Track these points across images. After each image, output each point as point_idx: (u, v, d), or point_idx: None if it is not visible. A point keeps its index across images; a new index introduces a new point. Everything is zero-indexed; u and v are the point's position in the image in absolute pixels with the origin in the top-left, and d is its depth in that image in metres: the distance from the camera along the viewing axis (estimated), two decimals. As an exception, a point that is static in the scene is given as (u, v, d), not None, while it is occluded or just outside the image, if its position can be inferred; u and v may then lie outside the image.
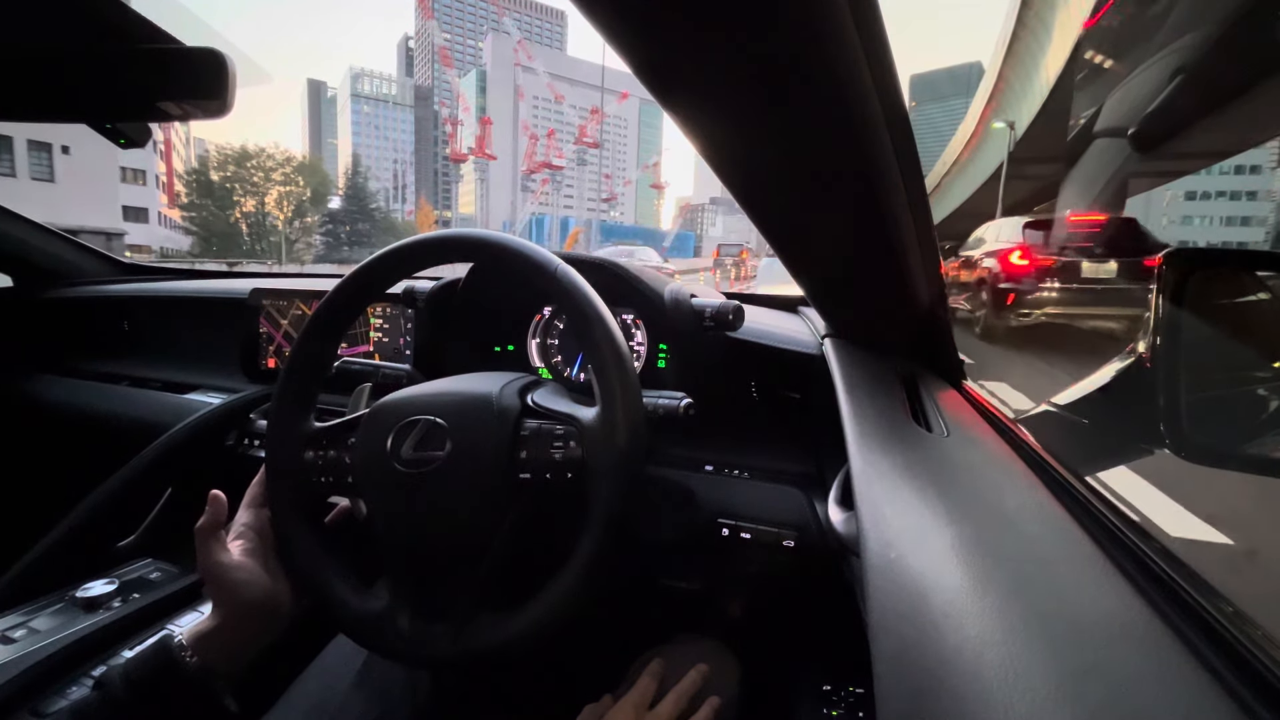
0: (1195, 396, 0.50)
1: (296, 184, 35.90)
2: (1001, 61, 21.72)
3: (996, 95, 23.73)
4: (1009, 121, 20.35)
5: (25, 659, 0.62)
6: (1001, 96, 23.09)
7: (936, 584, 0.28)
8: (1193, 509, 2.02)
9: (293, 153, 39.05)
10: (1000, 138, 22.59)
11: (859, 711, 0.64)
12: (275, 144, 36.41)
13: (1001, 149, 22.00)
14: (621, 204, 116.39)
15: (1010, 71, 21.45)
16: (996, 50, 22.93)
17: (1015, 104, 21.02)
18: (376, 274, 0.57)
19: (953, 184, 37.09)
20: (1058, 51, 15.83)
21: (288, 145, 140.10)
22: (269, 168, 34.46)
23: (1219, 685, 0.21)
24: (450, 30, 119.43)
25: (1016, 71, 20.75)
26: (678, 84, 0.33)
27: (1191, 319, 0.50)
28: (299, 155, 38.78)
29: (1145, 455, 0.57)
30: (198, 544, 0.52)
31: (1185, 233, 51.72)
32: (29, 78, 0.59)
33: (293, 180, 35.73)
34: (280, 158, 34.98)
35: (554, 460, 0.51)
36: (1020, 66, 19.94)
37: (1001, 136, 21.98)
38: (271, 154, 34.56)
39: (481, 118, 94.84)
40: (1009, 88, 21.96)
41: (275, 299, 1.07)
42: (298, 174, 36.04)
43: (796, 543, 0.67)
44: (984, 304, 6.23)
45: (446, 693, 0.68)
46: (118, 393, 1.19)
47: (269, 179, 34.75)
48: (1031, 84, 18.92)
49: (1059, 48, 15.67)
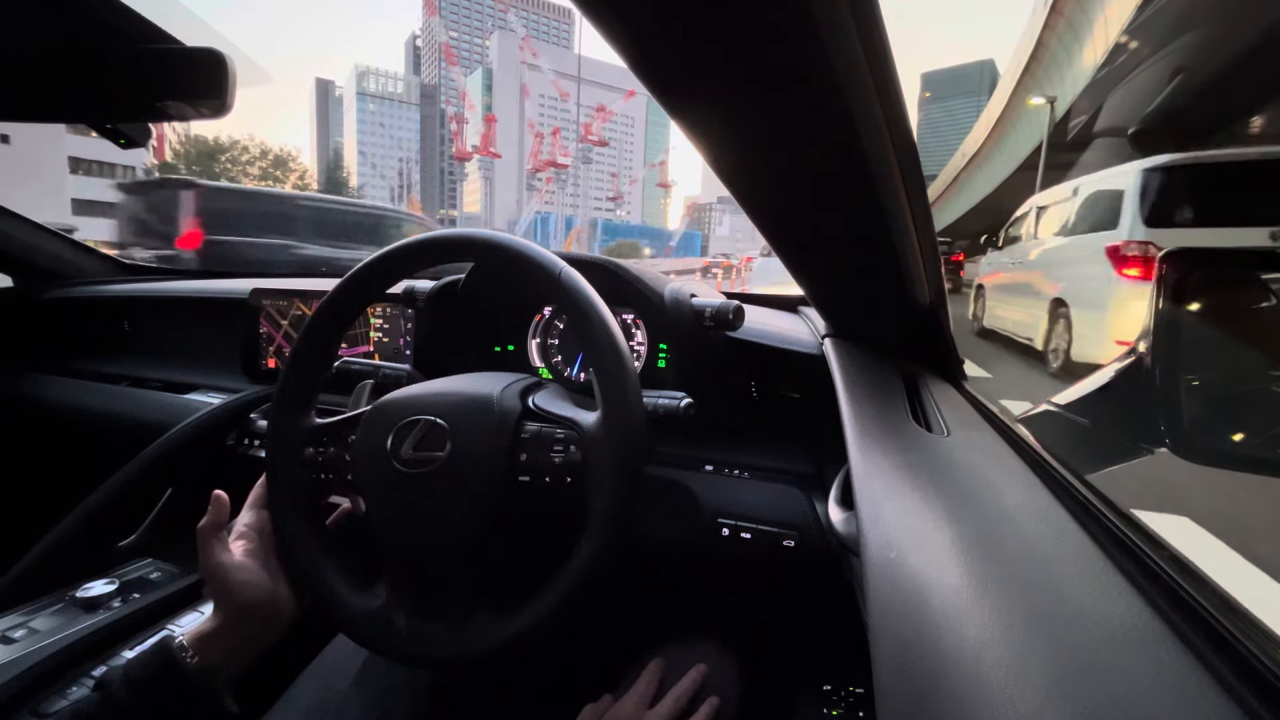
0: (1195, 396, 0.50)
1: (274, 179, 34.43)
2: (1042, 24, 17.69)
3: (1033, 67, 19.71)
4: (1049, 97, 17.52)
5: (25, 659, 0.62)
6: (1039, 68, 19.40)
7: (936, 584, 0.28)
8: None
9: (270, 146, 37.78)
10: (1035, 119, 19.88)
11: (859, 711, 0.64)
12: (250, 136, 35.08)
13: (1036, 131, 19.42)
14: (627, 203, 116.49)
15: (1052, 37, 17.63)
16: (1036, 10, 18.74)
17: (1058, 75, 18.00)
18: (377, 274, 0.57)
19: (971, 179, 34.47)
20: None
21: (296, 145, 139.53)
22: (245, 161, 33.12)
23: (1219, 685, 0.21)
24: (457, 28, 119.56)
25: (1062, 34, 16.90)
26: (678, 84, 0.33)
27: (1191, 319, 0.50)
28: (276, 149, 37.40)
29: (1145, 455, 0.57)
30: (199, 544, 0.52)
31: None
32: (29, 78, 0.59)
33: (270, 175, 34.36)
34: (256, 151, 33.74)
35: (554, 464, 0.51)
36: (1069, 28, 16.20)
37: (1037, 117, 19.24)
38: (247, 146, 33.34)
39: (486, 115, 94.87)
40: (1050, 56, 18.26)
41: (275, 299, 1.07)
42: (275, 168, 34.62)
43: (796, 543, 0.67)
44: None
45: (446, 693, 0.68)
46: (118, 393, 1.19)
47: (245, 174, 33.24)
48: (1080, 47, 15.62)
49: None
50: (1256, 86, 10.80)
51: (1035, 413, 0.68)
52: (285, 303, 1.06)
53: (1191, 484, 2.01)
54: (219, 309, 1.21)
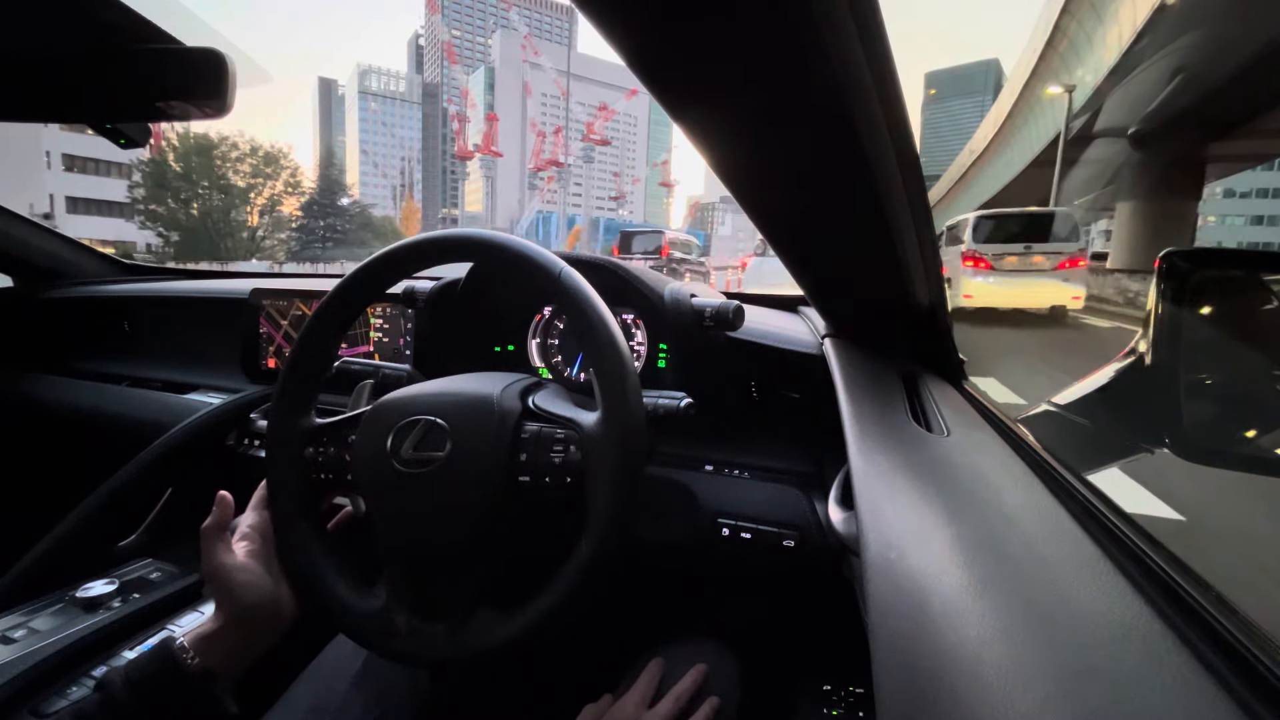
0: (1195, 397, 0.50)
1: (265, 175, 33.10)
2: (1061, 7, 16.44)
3: (1049, 55, 18.39)
4: (1067, 86, 16.11)
5: (25, 659, 0.62)
6: (1056, 55, 17.98)
7: (936, 584, 0.28)
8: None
9: (260, 143, 36.62)
10: (1051, 110, 18.67)
11: (859, 711, 0.65)
12: (240, 133, 33.05)
13: (1051, 124, 18.32)
14: (630, 202, 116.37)
15: (1070, 21, 16.48)
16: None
17: (1076, 61, 16.66)
18: (377, 274, 0.57)
19: (979, 177, 33.43)
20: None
21: (296, 144, 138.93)
22: (234, 158, 31.75)
23: (1219, 685, 0.21)
24: (460, 27, 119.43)
25: (1084, 15, 15.52)
26: (677, 85, 0.33)
27: (1191, 319, 0.50)
28: (267, 145, 35.47)
29: (1145, 455, 0.57)
30: (203, 545, 0.52)
31: (1219, 232, 51.13)
32: (29, 78, 0.59)
33: (262, 172, 32.97)
34: (246, 148, 32.19)
35: (554, 464, 0.51)
36: (1091, 9, 14.97)
37: (1054, 108, 17.95)
38: (237, 143, 31.77)
39: (488, 114, 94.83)
40: (1069, 41, 16.93)
41: (275, 299, 1.07)
42: (267, 165, 33.02)
43: (796, 543, 0.67)
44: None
45: (446, 693, 0.68)
46: (118, 393, 1.19)
47: (236, 170, 32.05)
48: (1105, 30, 14.28)
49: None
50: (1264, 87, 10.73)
51: (1035, 413, 0.68)
52: (285, 303, 1.06)
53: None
54: (219, 309, 1.21)
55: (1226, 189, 51.28)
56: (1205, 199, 46.12)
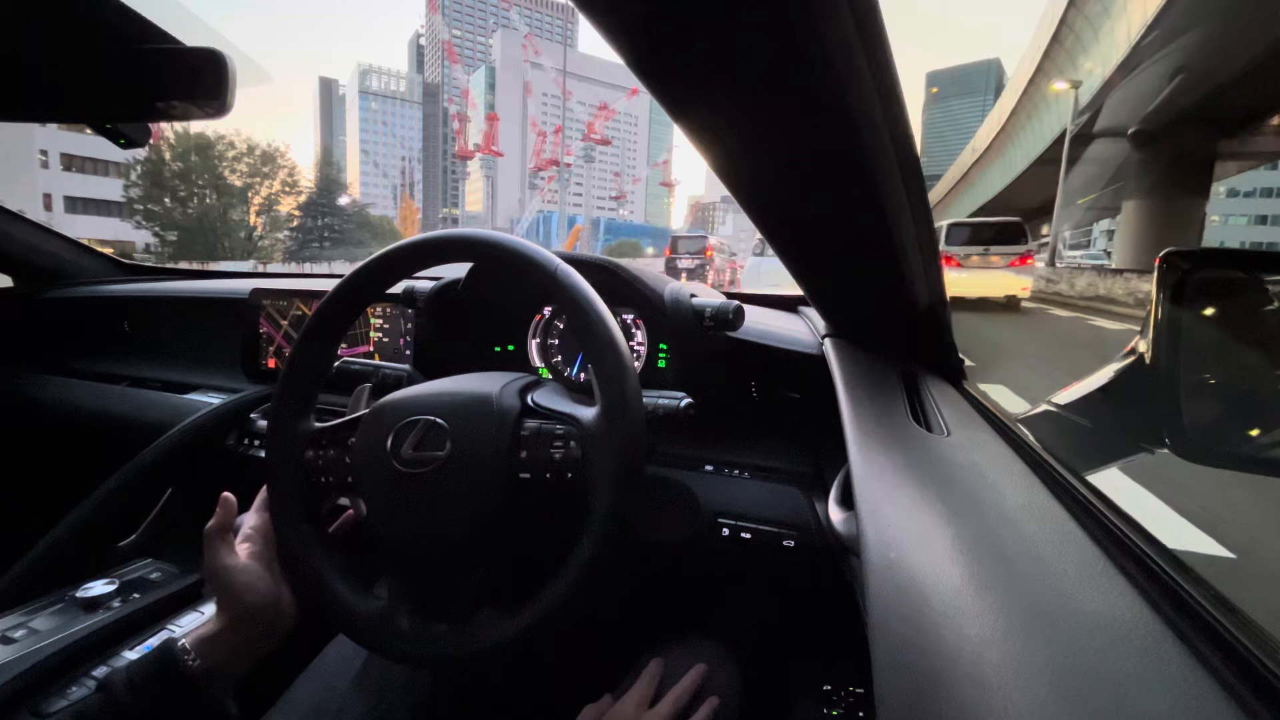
0: (1195, 397, 0.50)
1: (263, 175, 32.55)
2: (1068, 3, 16.27)
3: (1054, 51, 18.18)
4: (1073, 81, 16.12)
5: (25, 659, 0.61)
6: (1062, 50, 17.83)
7: (936, 584, 0.28)
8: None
9: (257, 141, 36.00)
10: (1055, 107, 18.64)
11: (859, 711, 0.65)
12: (236, 132, 32.52)
13: (1056, 121, 18.27)
14: (631, 202, 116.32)
15: (1077, 15, 16.27)
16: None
17: (1083, 56, 16.52)
18: (377, 274, 0.57)
19: (981, 176, 32.99)
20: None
21: (296, 144, 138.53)
22: (232, 157, 31.24)
23: (1219, 685, 0.21)
24: (461, 26, 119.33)
25: (1091, 10, 15.26)
26: (677, 85, 0.33)
27: (1191, 319, 0.50)
28: (264, 144, 34.87)
29: (1145, 455, 0.57)
30: (205, 546, 0.52)
31: (1221, 232, 51.09)
32: (29, 78, 0.59)
33: (260, 171, 32.45)
34: (243, 147, 31.58)
35: (554, 460, 0.51)
36: (1099, 3, 14.74)
37: (1058, 105, 17.93)
38: (233, 142, 31.21)
39: (488, 114, 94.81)
40: (1075, 37, 16.80)
41: (275, 299, 1.07)
42: (264, 164, 32.52)
43: (796, 543, 0.67)
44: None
45: (446, 693, 0.68)
46: (117, 393, 1.19)
47: (233, 169, 31.51)
48: (1113, 24, 14.10)
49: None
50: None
51: (1035, 413, 0.67)
52: (285, 302, 1.06)
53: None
54: (219, 309, 1.21)
55: (1230, 189, 51.23)
56: (1209, 198, 46.17)
